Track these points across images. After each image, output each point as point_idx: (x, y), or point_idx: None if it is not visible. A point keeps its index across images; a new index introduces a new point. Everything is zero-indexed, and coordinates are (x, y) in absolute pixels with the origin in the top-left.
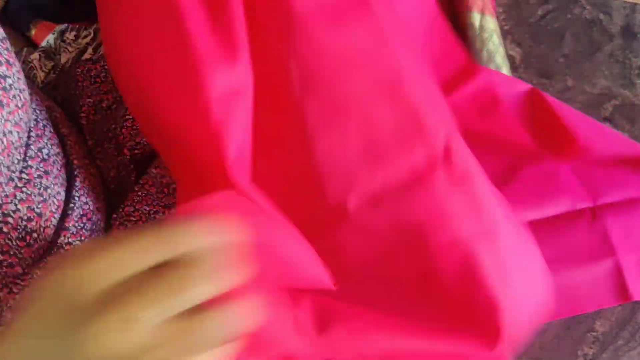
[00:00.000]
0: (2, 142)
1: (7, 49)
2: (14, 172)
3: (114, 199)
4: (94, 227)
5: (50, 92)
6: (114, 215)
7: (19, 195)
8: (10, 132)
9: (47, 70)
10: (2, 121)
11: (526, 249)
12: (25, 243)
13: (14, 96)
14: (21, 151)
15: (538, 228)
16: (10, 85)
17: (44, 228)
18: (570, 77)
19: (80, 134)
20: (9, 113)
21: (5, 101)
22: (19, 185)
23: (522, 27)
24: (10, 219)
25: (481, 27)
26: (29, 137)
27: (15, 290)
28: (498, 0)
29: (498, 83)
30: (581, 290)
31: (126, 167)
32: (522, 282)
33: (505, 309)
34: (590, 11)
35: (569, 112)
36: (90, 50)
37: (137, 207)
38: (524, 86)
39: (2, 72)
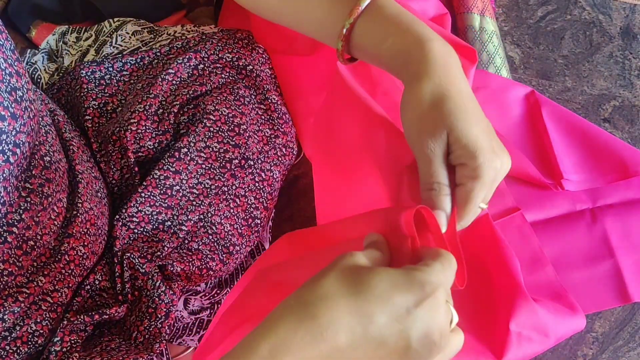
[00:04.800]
0: (15, 154)
1: (17, 59)
2: (20, 181)
3: (117, 201)
4: (98, 231)
5: (54, 95)
6: (117, 216)
7: (23, 204)
8: (23, 143)
9: (50, 72)
10: (15, 133)
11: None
12: (22, 251)
13: (25, 108)
14: (27, 161)
15: (538, 229)
16: (20, 97)
17: (42, 236)
18: (569, 78)
19: (84, 137)
20: (22, 125)
21: (18, 113)
22: (23, 194)
23: (522, 28)
24: (14, 229)
25: (481, 28)
26: (33, 145)
27: (20, 298)
28: (498, 1)
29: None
30: (581, 291)
31: (130, 169)
32: None
33: None
34: (589, 12)
35: (563, 139)
36: (92, 51)
37: (140, 208)
38: (523, 90)
39: (13, 84)
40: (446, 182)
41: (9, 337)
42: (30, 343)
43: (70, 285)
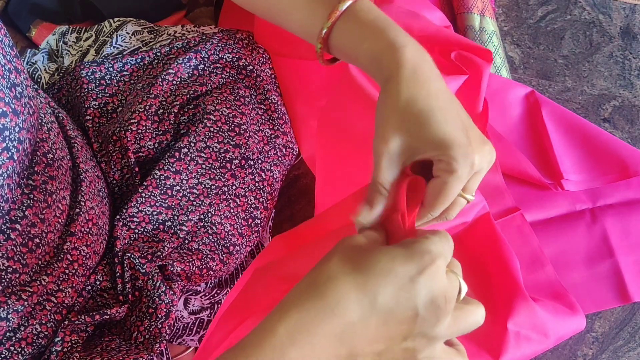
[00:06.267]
0: (18, 150)
1: (16, 56)
2: (22, 178)
3: (117, 201)
4: (100, 231)
5: (55, 94)
6: (117, 216)
7: (26, 201)
8: (24, 139)
9: (51, 72)
10: (18, 129)
11: None
12: (27, 249)
13: (25, 104)
14: (29, 158)
15: (538, 229)
16: (20, 93)
17: (47, 233)
18: (569, 78)
19: (85, 137)
20: (23, 121)
21: (19, 109)
22: (26, 191)
23: (522, 28)
24: (17, 226)
25: (481, 28)
26: (34, 142)
27: (24, 296)
28: (498, 1)
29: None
30: (581, 291)
31: (131, 169)
32: None
33: None
34: (589, 12)
35: (563, 139)
36: (92, 51)
37: (140, 208)
38: (523, 90)
39: (12, 81)
40: (384, 184)
41: (13, 338)
42: (34, 344)
43: (74, 285)
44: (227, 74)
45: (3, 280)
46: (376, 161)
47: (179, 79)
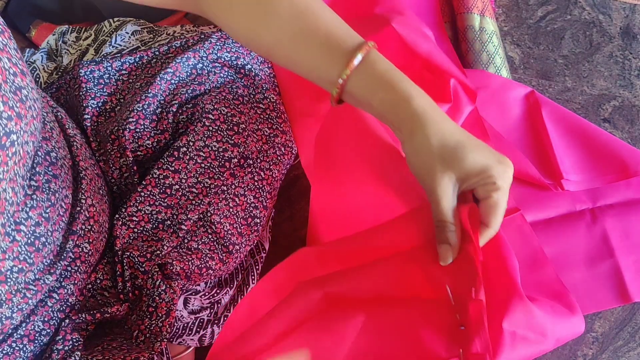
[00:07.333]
0: (20, 153)
1: (21, 59)
2: (25, 180)
3: (116, 200)
4: (100, 228)
5: (53, 94)
6: (117, 216)
7: (29, 202)
8: (27, 142)
9: (49, 71)
10: (22, 133)
11: None
12: (34, 248)
13: (29, 107)
14: (32, 160)
15: (538, 229)
16: (25, 96)
17: (52, 232)
18: (569, 78)
19: (84, 135)
20: (26, 124)
21: (23, 112)
22: (29, 192)
23: (522, 28)
24: (22, 227)
25: (481, 28)
26: (37, 143)
27: (28, 295)
28: (498, 1)
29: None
30: (581, 291)
31: (129, 168)
32: None
33: None
34: (589, 12)
35: (563, 140)
36: (91, 51)
37: (139, 207)
38: (523, 90)
39: (18, 84)
40: (451, 220)
41: (15, 334)
42: (36, 341)
43: (76, 282)
44: (226, 73)
45: (9, 280)
46: (436, 204)
47: (177, 78)
